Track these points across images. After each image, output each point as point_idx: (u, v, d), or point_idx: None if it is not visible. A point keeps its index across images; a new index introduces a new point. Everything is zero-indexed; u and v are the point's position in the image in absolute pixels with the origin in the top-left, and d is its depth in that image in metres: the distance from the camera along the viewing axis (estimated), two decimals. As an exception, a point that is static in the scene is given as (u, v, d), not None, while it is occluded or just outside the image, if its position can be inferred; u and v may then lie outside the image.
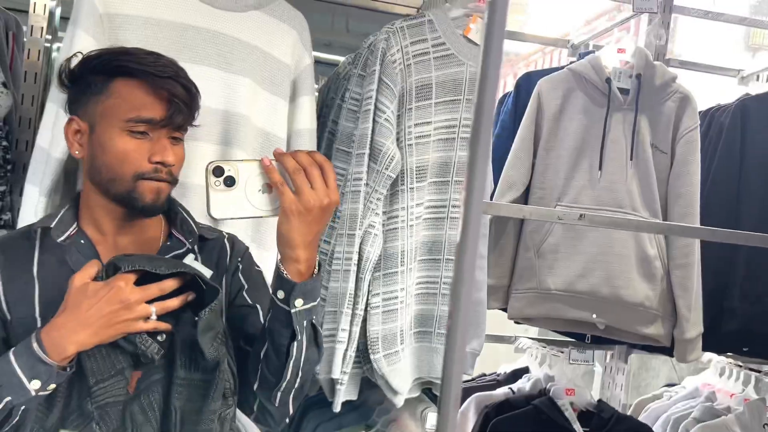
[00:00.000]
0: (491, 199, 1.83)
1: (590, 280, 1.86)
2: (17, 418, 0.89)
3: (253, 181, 0.91)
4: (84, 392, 0.93)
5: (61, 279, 0.95)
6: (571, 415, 1.83)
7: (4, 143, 1.56)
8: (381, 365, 1.54)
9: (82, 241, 1.01)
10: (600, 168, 1.86)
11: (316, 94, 1.71)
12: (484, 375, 2.20)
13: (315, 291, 0.96)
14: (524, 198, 1.92)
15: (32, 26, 1.60)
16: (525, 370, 2.09)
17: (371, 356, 1.54)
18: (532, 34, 2.48)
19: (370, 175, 1.50)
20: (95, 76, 0.99)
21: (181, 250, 1.06)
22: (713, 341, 1.94)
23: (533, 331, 2.41)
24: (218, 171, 0.90)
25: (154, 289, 0.92)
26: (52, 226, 1.01)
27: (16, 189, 1.54)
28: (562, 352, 1.97)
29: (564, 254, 1.87)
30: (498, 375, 2.16)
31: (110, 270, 0.93)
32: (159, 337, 0.94)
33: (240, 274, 1.10)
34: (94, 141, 0.99)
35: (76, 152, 1.02)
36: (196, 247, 1.07)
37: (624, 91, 1.88)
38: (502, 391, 1.96)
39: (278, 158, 0.91)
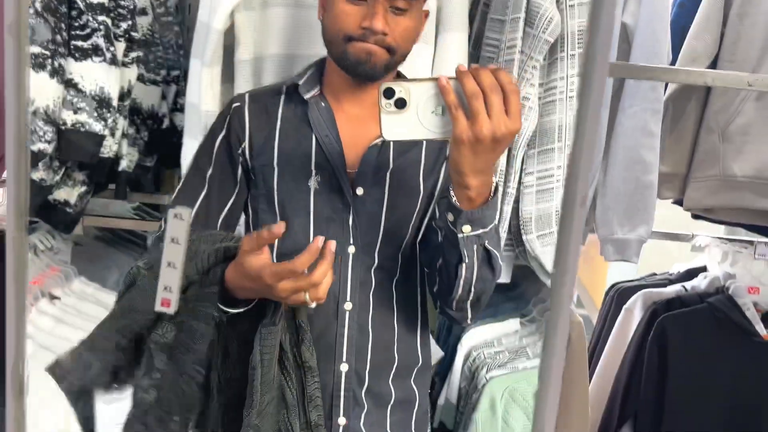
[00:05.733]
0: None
1: (786, 165, 1.61)
2: None
3: (425, 103, 0.85)
4: None
5: (298, 134, 1.07)
6: (753, 315, 1.64)
7: (176, 29, 1.66)
8: (534, 246, 1.47)
9: (323, 104, 1.09)
10: (808, 34, 1.57)
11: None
12: (654, 274, 2.04)
13: (485, 219, 0.92)
14: (709, 74, 1.68)
15: None
16: (702, 269, 1.90)
17: (524, 236, 1.48)
18: None
19: (526, 41, 1.39)
20: None
21: None
22: None
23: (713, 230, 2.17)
24: (389, 93, 0.85)
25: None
26: (300, 83, 1.09)
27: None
28: (746, 248, 1.75)
29: (755, 136, 1.63)
30: (671, 274, 1.99)
31: None
32: None
33: None
34: (326, 5, 1.05)
35: (320, 16, 1.08)
36: None
37: None
38: (673, 289, 1.81)
39: (459, 76, 0.82)
